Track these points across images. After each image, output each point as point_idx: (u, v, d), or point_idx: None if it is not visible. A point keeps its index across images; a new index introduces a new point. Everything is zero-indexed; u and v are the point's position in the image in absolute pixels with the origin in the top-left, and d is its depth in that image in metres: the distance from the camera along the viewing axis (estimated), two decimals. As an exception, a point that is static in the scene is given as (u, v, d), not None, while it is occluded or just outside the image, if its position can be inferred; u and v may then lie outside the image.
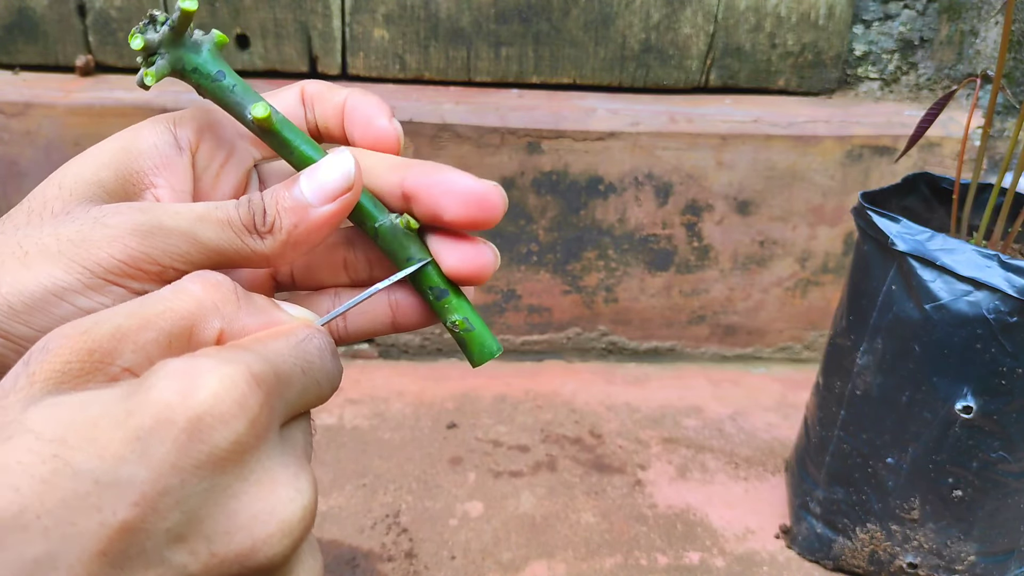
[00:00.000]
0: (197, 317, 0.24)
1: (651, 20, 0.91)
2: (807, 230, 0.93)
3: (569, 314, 0.96)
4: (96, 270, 0.26)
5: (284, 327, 0.26)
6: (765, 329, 0.98)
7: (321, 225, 0.28)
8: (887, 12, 0.94)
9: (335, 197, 0.28)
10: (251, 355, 0.23)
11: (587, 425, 0.86)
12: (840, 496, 0.67)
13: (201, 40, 0.30)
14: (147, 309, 0.23)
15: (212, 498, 0.21)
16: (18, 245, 0.26)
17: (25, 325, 0.26)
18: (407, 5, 0.89)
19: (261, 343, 0.24)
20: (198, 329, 0.24)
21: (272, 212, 0.28)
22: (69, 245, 0.26)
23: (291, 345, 0.25)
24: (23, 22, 0.88)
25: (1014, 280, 0.55)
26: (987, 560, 0.64)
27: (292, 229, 0.28)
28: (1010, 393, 0.57)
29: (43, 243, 0.26)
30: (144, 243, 0.26)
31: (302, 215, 0.28)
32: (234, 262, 0.28)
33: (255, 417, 0.22)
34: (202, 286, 0.25)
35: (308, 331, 0.26)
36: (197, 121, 0.31)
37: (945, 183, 0.70)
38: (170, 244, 0.27)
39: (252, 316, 0.26)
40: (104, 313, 0.23)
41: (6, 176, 0.86)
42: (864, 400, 0.64)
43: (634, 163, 0.89)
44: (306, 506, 0.23)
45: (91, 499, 0.20)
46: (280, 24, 0.89)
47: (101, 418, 0.21)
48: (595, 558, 0.68)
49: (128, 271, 0.26)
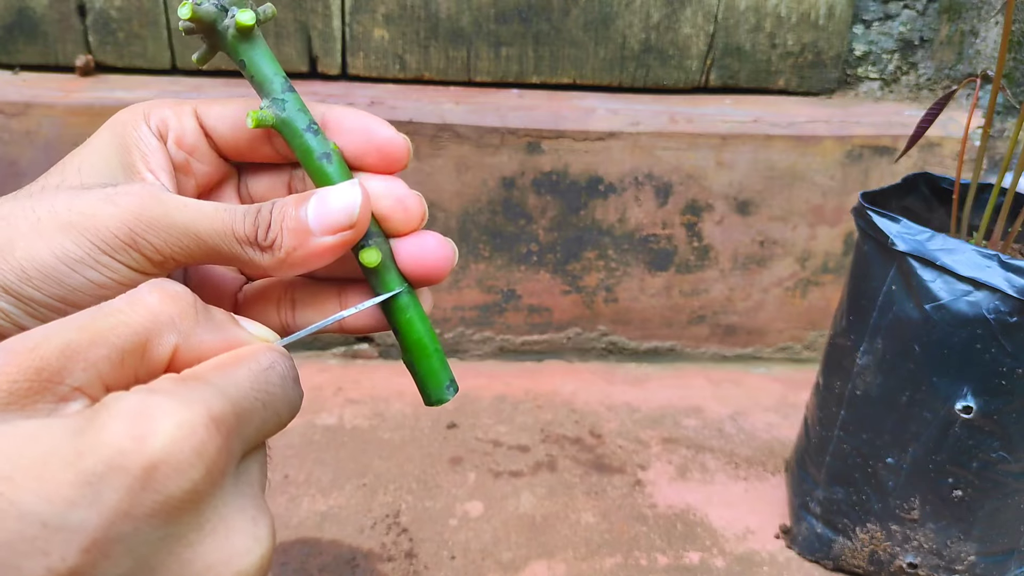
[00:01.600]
0: (152, 332, 0.23)
1: (651, 20, 0.91)
2: (807, 230, 0.93)
3: (569, 314, 0.96)
4: (101, 245, 0.26)
5: (245, 352, 0.25)
6: (765, 329, 0.98)
7: (320, 254, 0.28)
8: (887, 12, 0.94)
9: (336, 231, 0.28)
10: (210, 391, 0.22)
11: (587, 425, 0.86)
12: (840, 496, 0.67)
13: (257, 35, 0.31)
14: (99, 323, 0.22)
15: (166, 547, 0.21)
16: (32, 210, 0.27)
17: (38, 291, 0.26)
18: (407, 5, 0.89)
19: (221, 373, 0.23)
20: (152, 345, 0.23)
21: (276, 230, 0.28)
22: (79, 216, 0.26)
23: (252, 375, 0.24)
24: (23, 22, 0.88)
25: (1014, 280, 0.55)
26: (987, 560, 0.64)
27: (291, 251, 0.28)
28: (1010, 393, 0.57)
29: (55, 210, 0.27)
30: (148, 230, 0.27)
31: (303, 240, 0.28)
32: (231, 264, 0.29)
33: (212, 464, 0.21)
34: (159, 297, 0.24)
35: (270, 357, 0.25)
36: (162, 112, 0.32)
37: (945, 183, 0.70)
38: (172, 236, 0.27)
39: (210, 332, 0.25)
40: (54, 326, 0.22)
41: (6, 176, 0.86)
42: (864, 400, 0.64)
43: (634, 163, 0.89)
44: (263, 555, 0.23)
45: (38, 543, 0.19)
46: (280, 24, 0.89)
47: (51, 456, 0.20)
48: (595, 558, 0.68)
49: (129, 252, 0.27)
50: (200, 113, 0.32)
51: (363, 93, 0.90)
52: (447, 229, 0.90)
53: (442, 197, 0.89)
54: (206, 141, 0.32)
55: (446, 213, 0.89)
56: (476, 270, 0.92)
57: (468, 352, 0.97)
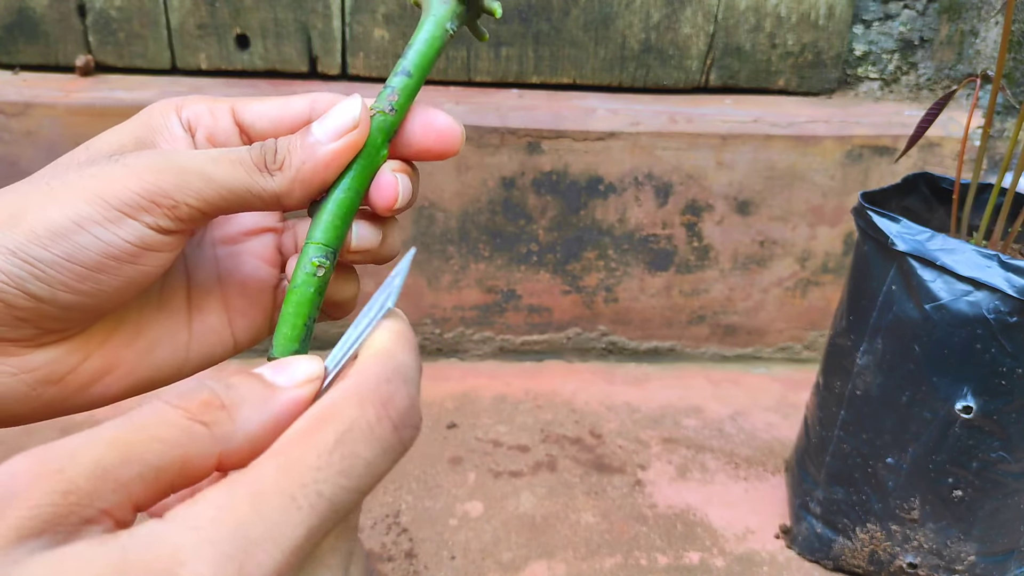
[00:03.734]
0: (188, 446, 0.21)
1: (651, 20, 0.91)
2: (807, 230, 0.93)
3: (569, 314, 0.96)
4: (114, 202, 0.27)
5: (306, 433, 0.21)
6: (765, 329, 0.98)
7: (328, 162, 0.29)
8: (887, 12, 0.94)
9: (342, 134, 0.29)
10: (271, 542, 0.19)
11: (587, 425, 0.86)
12: (840, 496, 0.67)
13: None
14: (131, 436, 0.20)
15: None
16: (45, 184, 0.27)
17: (46, 250, 0.26)
18: (407, 5, 0.89)
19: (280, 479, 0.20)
20: (190, 459, 0.21)
21: (283, 151, 0.29)
22: (91, 180, 0.27)
23: (319, 465, 0.20)
24: (23, 22, 0.88)
25: (1014, 280, 0.55)
26: (987, 560, 0.64)
27: (300, 166, 0.28)
28: (1010, 393, 0.57)
29: (67, 180, 0.27)
30: (159, 177, 0.27)
31: (310, 152, 0.29)
32: (245, 201, 0.28)
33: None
34: (184, 410, 0.21)
35: (344, 419, 0.21)
36: (196, 108, 0.32)
37: (945, 183, 0.70)
38: (184, 180, 0.27)
39: (250, 417, 0.22)
40: (81, 440, 0.20)
41: (6, 176, 0.86)
42: (864, 400, 0.64)
43: (634, 163, 0.89)
44: None
45: None
46: (280, 24, 0.89)
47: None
48: (595, 558, 0.68)
49: (144, 204, 0.27)
50: (237, 110, 0.32)
51: (363, 93, 0.90)
52: (447, 229, 0.90)
53: (442, 197, 0.89)
54: (240, 138, 0.32)
55: (446, 213, 0.89)
56: (476, 270, 0.92)
57: (468, 352, 0.97)
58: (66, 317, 0.28)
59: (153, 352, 0.31)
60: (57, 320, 0.28)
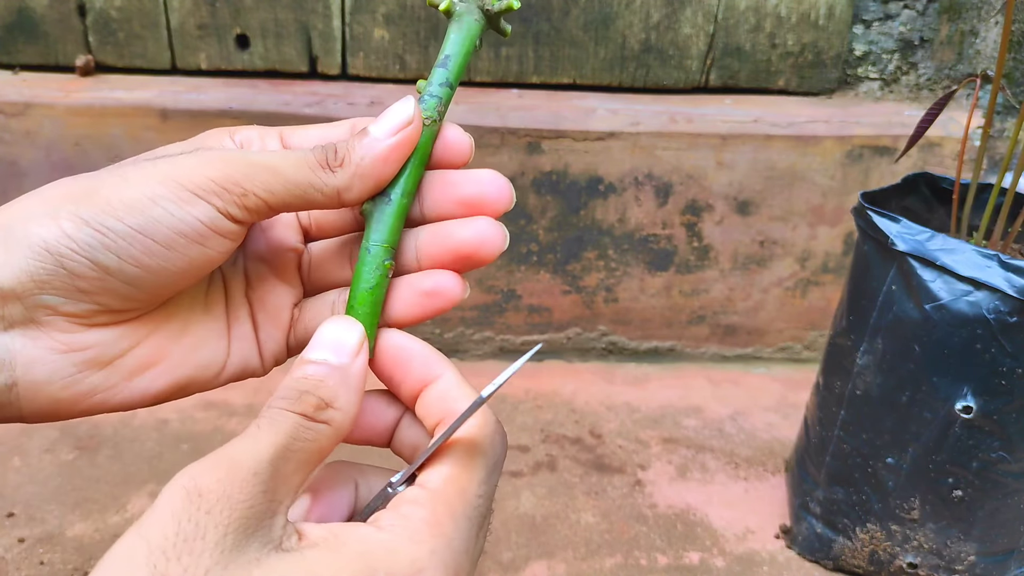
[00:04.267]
0: (320, 441, 0.27)
1: (651, 20, 0.91)
2: (807, 230, 0.93)
3: (569, 314, 0.96)
4: (188, 185, 0.29)
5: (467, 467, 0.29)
6: (765, 329, 0.98)
7: (387, 156, 0.31)
8: (887, 12, 0.94)
9: (398, 131, 0.31)
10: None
11: (587, 425, 0.86)
12: (840, 496, 0.67)
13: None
14: (281, 440, 0.26)
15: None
16: (118, 169, 0.30)
17: (120, 221, 0.28)
18: (407, 5, 0.89)
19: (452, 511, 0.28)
20: (324, 451, 0.28)
21: (343, 150, 0.31)
22: (165, 165, 0.29)
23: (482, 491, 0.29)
24: (23, 22, 0.88)
25: (1014, 280, 0.55)
26: (987, 560, 0.64)
27: (360, 161, 0.31)
28: (1010, 393, 0.57)
29: (141, 166, 0.29)
30: (231, 167, 0.29)
31: (369, 148, 0.31)
32: (308, 196, 0.30)
33: None
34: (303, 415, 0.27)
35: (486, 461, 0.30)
36: (247, 132, 0.34)
37: (945, 183, 0.70)
38: (253, 172, 0.29)
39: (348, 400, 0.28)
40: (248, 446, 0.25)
41: (6, 176, 0.86)
42: (864, 400, 0.64)
43: (634, 163, 0.89)
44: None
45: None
46: (280, 24, 0.89)
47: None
48: (595, 558, 0.68)
49: (215, 188, 0.29)
50: (284, 135, 0.34)
51: (363, 93, 0.90)
52: (447, 229, 0.90)
53: (442, 197, 0.89)
54: None
55: (446, 213, 0.89)
56: (476, 270, 0.92)
57: (468, 352, 0.97)
58: (127, 295, 0.29)
59: (197, 352, 0.33)
60: (117, 297, 0.29)
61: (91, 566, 0.64)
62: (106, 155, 0.85)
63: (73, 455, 0.76)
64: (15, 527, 0.67)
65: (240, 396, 0.86)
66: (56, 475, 0.73)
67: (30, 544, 0.66)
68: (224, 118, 0.84)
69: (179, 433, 0.80)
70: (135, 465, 0.75)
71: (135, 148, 0.85)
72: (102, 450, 0.77)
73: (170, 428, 0.80)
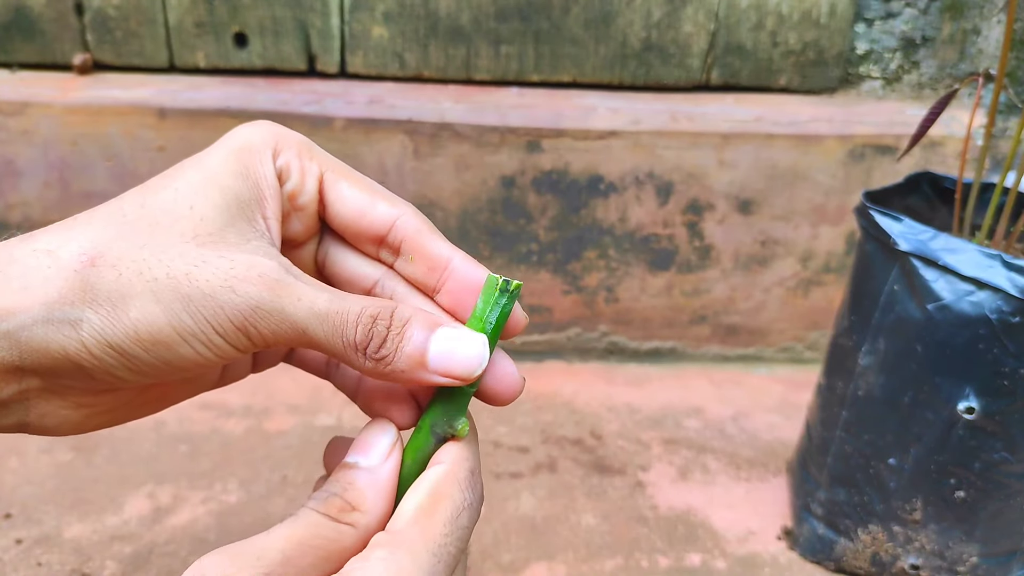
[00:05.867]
0: (343, 541, 0.28)
1: (652, 18, 0.91)
2: (809, 229, 0.93)
3: (569, 314, 0.95)
4: (217, 328, 0.27)
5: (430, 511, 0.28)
6: (767, 329, 0.98)
7: (423, 384, 0.29)
8: (889, 10, 0.94)
9: (451, 377, 0.29)
10: None
11: (587, 426, 0.85)
12: (842, 497, 0.66)
13: None
14: (301, 534, 0.27)
15: None
16: (147, 266, 0.27)
17: (147, 353, 0.27)
18: (406, 3, 0.89)
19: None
20: (347, 550, 0.28)
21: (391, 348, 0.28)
22: (200, 295, 0.27)
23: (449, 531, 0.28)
24: (20, 20, 0.88)
25: (1017, 280, 0.54)
26: (989, 561, 0.63)
27: (399, 373, 0.28)
28: (1013, 394, 0.57)
29: (174, 275, 0.27)
30: (261, 321, 0.27)
31: (414, 369, 0.28)
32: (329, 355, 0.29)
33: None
34: (328, 516, 0.28)
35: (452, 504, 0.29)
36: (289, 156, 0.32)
37: (948, 182, 0.69)
38: (282, 328, 0.28)
39: (375, 502, 0.29)
40: (261, 540, 0.26)
41: (3, 175, 0.85)
42: (866, 401, 0.63)
43: (635, 162, 0.88)
44: None
45: None
46: (278, 22, 0.89)
47: None
48: (596, 560, 0.68)
49: (239, 336, 0.28)
50: (325, 181, 0.32)
51: (362, 92, 0.90)
52: (447, 228, 0.90)
53: (441, 196, 0.88)
54: (317, 208, 0.32)
55: (445, 212, 0.89)
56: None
57: (468, 352, 0.96)
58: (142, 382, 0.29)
59: (198, 382, 0.34)
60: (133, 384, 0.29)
61: (88, 567, 0.63)
62: (103, 154, 0.85)
63: (70, 456, 0.75)
64: (12, 528, 0.67)
65: (238, 397, 0.85)
66: (53, 476, 0.73)
67: (27, 545, 0.65)
68: (222, 117, 0.84)
69: (177, 434, 0.79)
70: (132, 466, 0.75)
71: (132, 147, 0.85)
72: (99, 451, 0.76)
73: (168, 429, 0.80)
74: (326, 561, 0.27)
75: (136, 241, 0.27)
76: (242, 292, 0.27)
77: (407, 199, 0.33)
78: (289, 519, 0.28)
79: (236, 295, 0.27)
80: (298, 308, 0.28)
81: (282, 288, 0.28)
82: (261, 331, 0.28)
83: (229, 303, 0.27)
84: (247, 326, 0.27)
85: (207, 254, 0.27)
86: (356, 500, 0.28)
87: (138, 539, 0.67)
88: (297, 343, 0.28)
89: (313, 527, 0.27)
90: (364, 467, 0.29)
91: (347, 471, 0.29)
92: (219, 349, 0.28)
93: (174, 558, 0.65)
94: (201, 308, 0.27)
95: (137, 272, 0.27)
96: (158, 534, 0.67)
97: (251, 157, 0.30)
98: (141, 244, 0.27)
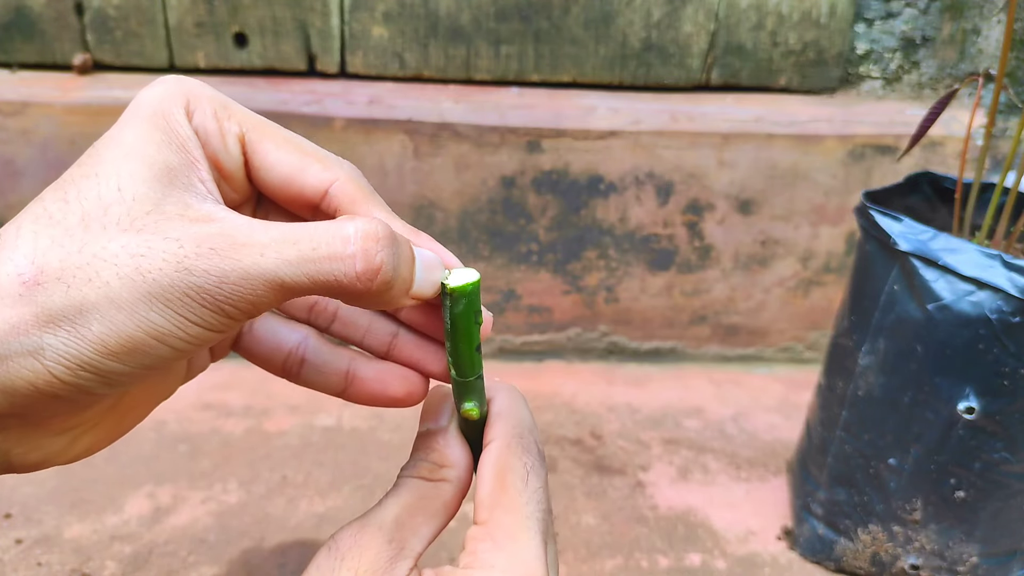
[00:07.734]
0: (444, 497, 0.32)
1: (652, 18, 0.91)
2: (809, 229, 0.93)
3: (569, 314, 0.95)
4: (190, 316, 0.25)
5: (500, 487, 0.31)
6: (767, 329, 0.98)
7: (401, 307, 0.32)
8: (889, 10, 0.93)
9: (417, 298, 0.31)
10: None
11: (587, 426, 0.85)
12: (842, 497, 0.66)
13: None
14: (410, 499, 0.31)
15: None
16: (94, 272, 0.24)
17: (123, 364, 0.25)
18: (406, 3, 0.89)
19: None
20: (449, 504, 0.32)
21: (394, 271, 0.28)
22: (158, 288, 0.24)
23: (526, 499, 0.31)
24: (20, 20, 0.88)
25: (1017, 280, 0.54)
26: (990, 561, 0.63)
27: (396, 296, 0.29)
28: (1013, 394, 0.57)
29: (125, 275, 0.24)
30: (232, 294, 0.25)
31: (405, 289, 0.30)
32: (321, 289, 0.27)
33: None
34: (424, 479, 0.32)
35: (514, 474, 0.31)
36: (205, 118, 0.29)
37: (948, 182, 0.69)
38: (257, 290, 0.25)
39: (460, 458, 0.33)
40: (378, 510, 0.30)
41: (3, 175, 0.85)
42: (866, 401, 0.63)
43: (635, 162, 0.88)
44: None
45: None
46: (278, 22, 0.89)
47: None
48: (596, 560, 0.68)
49: (215, 316, 0.25)
50: (249, 146, 0.29)
51: (362, 91, 0.90)
52: (447, 229, 0.90)
53: (441, 196, 0.88)
54: (245, 173, 0.30)
55: (445, 213, 0.89)
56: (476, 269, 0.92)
57: (468, 352, 0.96)
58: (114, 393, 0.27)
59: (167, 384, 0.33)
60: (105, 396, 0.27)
61: (88, 567, 0.63)
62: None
63: (70, 456, 0.75)
64: (12, 528, 0.67)
65: (237, 397, 0.85)
66: (53, 476, 0.73)
67: (27, 545, 0.65)
68: (222, 117, 0.84)
69: (176, 434, 0.79)
70: (132, 466, 0.75)
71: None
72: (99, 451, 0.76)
73: (168, 429, 0.80)
74: (433, 517, 0.31)
75: (72, 245, 0.24)
76: (199, 271, 0.24)
77: (407, 199, 0.32)
78: (391, 491, 0.31)
79: (194, 276, 0.24)
80: (263, 263, 0.25)
81: (239, 250, 0.25)
82: (235, 303, 0.25)
83: (192, 286, 0.24)
84: (219, 304, 0.25)
85: (150, 239, 0.25)
86: (441, 459, 0.32)
87: (138, 539, 0.67)
88: (283, 297, 0.26)
89: (415, 490, 0.31)
90: (435, 430, 0.33)
91: (425, 438, 0.33)
92: (199, 337, 0.25)
93: (174, 558, 0.65)
94: (166, 302, 0.24)
95: (86, 280, 0.24)
96: (158, 534, 0.67)
97: (167, 121, 0.27)
98: (79, 247, 0.24)
